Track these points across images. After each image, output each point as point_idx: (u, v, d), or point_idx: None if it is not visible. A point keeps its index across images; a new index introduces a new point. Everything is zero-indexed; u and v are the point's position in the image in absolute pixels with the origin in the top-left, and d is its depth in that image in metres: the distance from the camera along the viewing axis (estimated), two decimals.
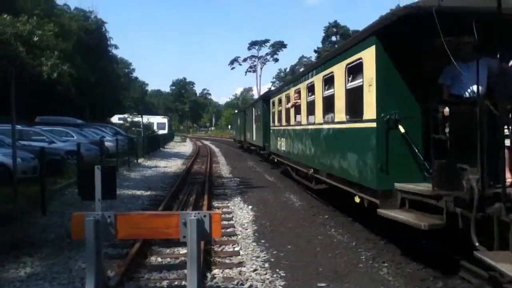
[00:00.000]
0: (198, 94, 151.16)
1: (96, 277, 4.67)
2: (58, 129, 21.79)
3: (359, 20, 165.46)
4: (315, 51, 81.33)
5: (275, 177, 17.62)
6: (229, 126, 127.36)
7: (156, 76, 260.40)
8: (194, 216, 4.70)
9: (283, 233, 8.49)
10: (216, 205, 11.36)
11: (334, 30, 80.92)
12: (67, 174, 15.04)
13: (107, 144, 21.10)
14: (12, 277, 5.91)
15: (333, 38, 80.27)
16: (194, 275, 4.62)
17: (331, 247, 7.53)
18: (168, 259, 6.77)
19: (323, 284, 5.73)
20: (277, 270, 6.29)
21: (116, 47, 51.14)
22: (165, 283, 5.67)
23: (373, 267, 6.47)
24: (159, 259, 6.78)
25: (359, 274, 6.15)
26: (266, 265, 6.52)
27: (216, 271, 6.18)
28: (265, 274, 6.11)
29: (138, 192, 13.45)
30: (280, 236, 8.29)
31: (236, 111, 54.83)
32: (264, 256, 6.96)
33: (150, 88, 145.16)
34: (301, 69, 29.26)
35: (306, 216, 10.11)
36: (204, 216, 4.83)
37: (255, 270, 6.25)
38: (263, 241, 7.91)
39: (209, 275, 5.96)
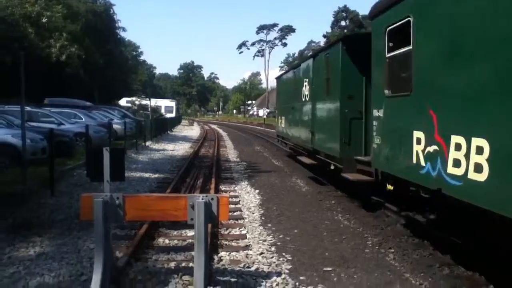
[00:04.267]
0: (205, 78, 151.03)
1: (104, 258, 4.73)
2: (66, 111, 21.90)
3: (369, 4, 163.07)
4: (324, 36, 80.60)
5: (282, 161, 17.63)
6: (234, 111, 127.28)
7: (164, 60, 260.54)
8: (202, 199, 4.73)
9: (290, 217, 8.51)
10: (223, 188, 11.40)
11: (344, 14, 80.00)
12: (76, 155, 15.14)
13: (115, 126, 21.23)
14: (22, 256, 6.00)
15: (343, 23, 79.44)
16: (202, 257, 4.66)
17: (338, 232, 7.54)
18: (176, 241, 6.82)
19: (329, 269, 5.75)
20: (284, 253, 6.33)
21: (124, 29, 50.89)
22: (172, 264, 5.72)
23: (380, 252, 6.48)
24: (167, 241, 6.83)
25: (365, 260, 6.16)
26: (273, 248, 6.56)
27: (223, 253, 6.23)
28: (272, 257, 6.14)
29: (146, 175, 13.53)
30: (287, 220, 8.32)
31: (283, 70, 26.37)
32: (271, 240, 6.99)
33: (158, 71, 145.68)
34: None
35: (313, 201, 10.12)
36: (212, 199, 4.86)
37: (261, 253, 6.29)
38: (269, 225, 7.94)
39: (216, 258, 6.00)
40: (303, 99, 12.87)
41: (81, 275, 5.28)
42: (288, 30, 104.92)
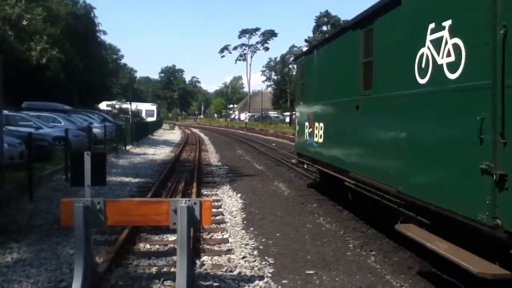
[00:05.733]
0: (187, 82, 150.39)
1: (85, 263, 4.66)
2: (45, 115, 21.55)
3: (350, 9, 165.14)
4: (306, 41, 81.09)
5: (264, 166, 17.66)
6: (216, 115, 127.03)
7: (145, 63, 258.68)
8: (185, 203, 4.71)
9: (272, 221, 8.53)
10: (205, 193, 11.36)
11: (325, 19, 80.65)
12: (55, 160, 14.91)
13: (95, 130, 20.97)
14: None
15: (324, 28, 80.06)
16: (184, 262, 4.63)
17: (320, 235, 7.59)
18: (157, 246, 6.77)
19: (312, 272, 5.78)
20: (266, 257, 6.33)
21: (104, 32, 50.62)
22: (154, 269, 5.67)
23: (361, 255, 6.54)
24: (148, 246, 6.77)
25: (347, 262, 6.21)
26: (255, 252, 6.56)
27: (205, 258, 6.20)
28: (254, 261, 6.14)
29: (127, 179, 13.39)
30: (269, 224, 8.33)
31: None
32: (253, 244, 6.99)
33: (138, 75, 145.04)
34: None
35: (295, 204, 10.16)
36: (195, 203, 4.84)
37: (244, 257, 6.28)
38: (252, 228, 7.94)
39: (198, 262, 5.98)
40: (423, 78, 5.27)
41: (61, 282, 5.20)
42: (270, 34, 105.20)
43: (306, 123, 10.94)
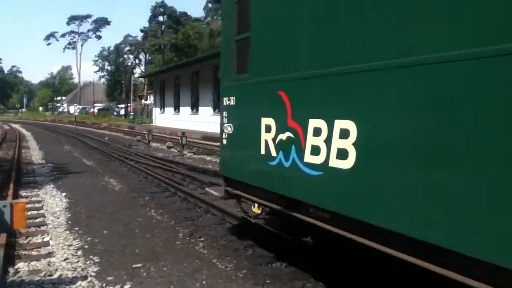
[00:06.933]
0: (5, 72, 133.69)
1: None
2: None
3: (185, 2, 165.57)
4: (141, 31, 78.97)
5: (94, 161, 16.77)
6: (41, 108, 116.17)
7: None
8: None
9: (100, 219, 8.16)
10: (24, 194, 10.32)
11: (161, 10, 79.53)
12: None
13: None
14: None
15: (160, 18, 78.94)
16: None
17: (150, 228, 7.53)
18: None
19: (139, 265, 5.71)
20: (91, 256, 6.04)
21: None
22: None
23: (190, 243, 6.68)
24: None
25: (176, 251, 6.29)
26: (79, 252, 6.21)
27: (20, 264, 5.65)
28: (77, 262, 5.81)
29: None
30: (97, 222, 7.96)
31: None
32: (77, 244, 6.61)
33: None
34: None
35: (126, 199, 9.90)
36: (4, 206, 4.40)
37: (66, 259, 5.90)
38: (77, 228, 7.49)
39: (12, 270, 5.42)
40: None
41: None
42: (102, 22, 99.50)
43: (266, 121, 4.88)
